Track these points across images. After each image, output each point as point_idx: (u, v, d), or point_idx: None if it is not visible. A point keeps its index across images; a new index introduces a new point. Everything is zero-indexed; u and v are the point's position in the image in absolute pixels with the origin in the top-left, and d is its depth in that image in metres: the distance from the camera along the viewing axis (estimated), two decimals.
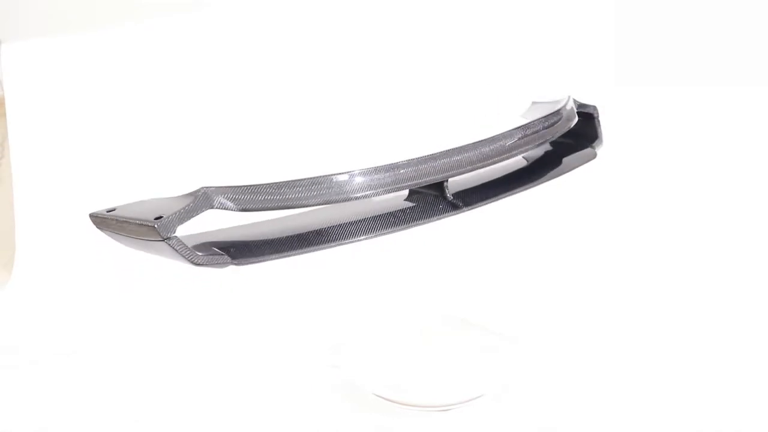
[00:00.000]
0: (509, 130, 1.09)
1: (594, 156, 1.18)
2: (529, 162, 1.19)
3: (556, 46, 1.37)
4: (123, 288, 1.26)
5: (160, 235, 0.93)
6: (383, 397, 1.02)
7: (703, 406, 1.02)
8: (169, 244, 0.94)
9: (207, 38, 1.29)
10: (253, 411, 1.07)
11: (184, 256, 0.94)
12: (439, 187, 1.10)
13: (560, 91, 1.33)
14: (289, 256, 0.99)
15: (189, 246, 0.95)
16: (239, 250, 0.99)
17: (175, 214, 0.94)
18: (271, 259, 0.98)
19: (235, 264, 0.97)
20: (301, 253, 1.00)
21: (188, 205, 0.95)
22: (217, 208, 0.96)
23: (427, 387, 1.03)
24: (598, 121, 1.19)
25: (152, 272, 1.26)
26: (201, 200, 0.95)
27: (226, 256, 0.97)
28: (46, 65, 1.25)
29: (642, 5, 1.37)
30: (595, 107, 1.20)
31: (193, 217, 0.94)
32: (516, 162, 1.17)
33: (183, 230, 0.95)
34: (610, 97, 1.32)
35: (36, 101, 1.24)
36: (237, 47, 1.31)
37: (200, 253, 0.95)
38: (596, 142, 1.19)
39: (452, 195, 1.09)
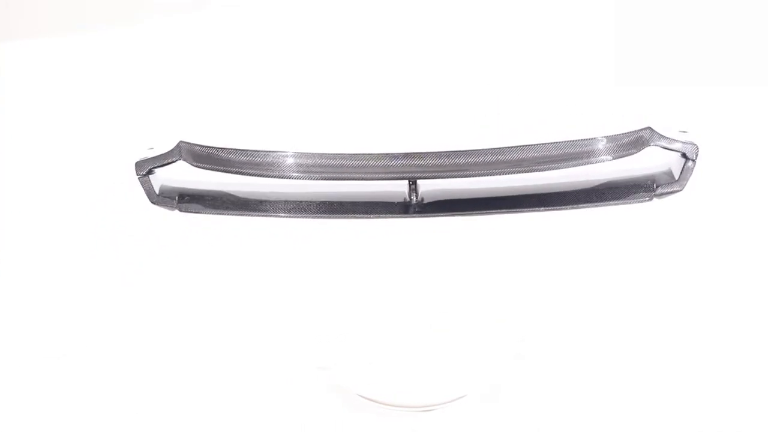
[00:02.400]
0: (489, 148, 1.09)
1: (647, 199, 1.11)
2: (591, 184, 1.15)
3: (555, 45, 1.36)
4: (119, 289, 1.27)
5: (135, 172, 1.14)
6: (367, 398, 1.02)
7: (700, 405, 1.02)
8: (140, 181, 1.14)
9: (207, 38, 1.30)
10: (241, 410, 1.07)
11: (145, 193, 1.15)
12: (412, 187, 1.10)
13: (559, 92, 1.32)
14: (222, 214, 1.16)
15: (154, 187, 1.14)
16: (188, 201, 1.16)
17: (151, 158, 1.13)
18: (206, 213, 1.15)
19: (179, 210, 1.15)
20: (234, 215, 1.16)
21: (162, 153, 1.13)
22: (182, 160, 1.13)
23: (410, 388, 1.03)
24: (690, 162, 1.09)
25: (149, 273, 1.27)
26: (171, 151, 1.13)
27: (173, 201, 1.16)
28: (43, 65, 1.26)
29: (642, 4, 1.36)
30: (693, 146, 1.09)
31: (164, 163, 1.13)
32: (567, 179, 1.16)
33: (178, 178, 1.16)
34: (610, 97, 1.31)
35: (33, 101, 1.26)
36: (239, 47, 1.31)
37: (158, 195, 1.16)
38: (672, 184, 1.11)
39: (424, 199, 1.11)
